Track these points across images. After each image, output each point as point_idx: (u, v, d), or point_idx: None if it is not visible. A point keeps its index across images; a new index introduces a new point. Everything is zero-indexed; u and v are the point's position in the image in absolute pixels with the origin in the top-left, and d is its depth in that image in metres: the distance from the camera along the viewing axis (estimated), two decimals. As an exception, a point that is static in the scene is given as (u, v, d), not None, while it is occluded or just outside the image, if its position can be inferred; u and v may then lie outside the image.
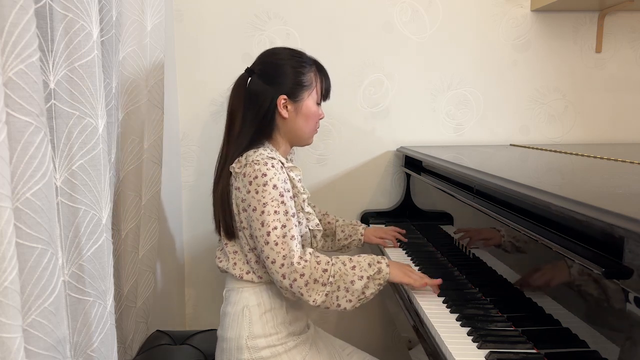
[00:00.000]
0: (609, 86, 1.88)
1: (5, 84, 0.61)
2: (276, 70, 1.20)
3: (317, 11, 1.79)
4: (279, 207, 1.08)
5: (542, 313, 0.92)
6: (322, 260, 1.09)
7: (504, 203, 1.04)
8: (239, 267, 1.18)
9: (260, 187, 1.08)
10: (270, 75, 1.19)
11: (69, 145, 0.80)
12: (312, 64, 1.24)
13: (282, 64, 1.20)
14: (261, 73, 1.20)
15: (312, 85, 1.22)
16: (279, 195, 1.09)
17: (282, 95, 1.18)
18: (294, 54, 1.23)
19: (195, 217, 1.89)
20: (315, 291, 1.07)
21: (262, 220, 1.08)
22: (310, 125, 1.24)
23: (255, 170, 1.10)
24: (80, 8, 0.79)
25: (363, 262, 1.12)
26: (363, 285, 1.09)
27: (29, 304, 0.67)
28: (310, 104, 1.22)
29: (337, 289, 1.08)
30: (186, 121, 1.83)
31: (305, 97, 1.20)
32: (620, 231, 0.66)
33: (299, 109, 1.20)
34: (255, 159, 1.11)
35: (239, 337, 1.15)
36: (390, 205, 1.89)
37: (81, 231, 0.82)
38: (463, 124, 1.88)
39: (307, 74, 1.21)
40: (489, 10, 1.82)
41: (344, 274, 1.09)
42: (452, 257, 1.36)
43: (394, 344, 1.99)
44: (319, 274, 1.07)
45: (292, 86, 1.19)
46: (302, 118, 1.21)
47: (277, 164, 1.12)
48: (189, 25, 1.78)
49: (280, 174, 1.12)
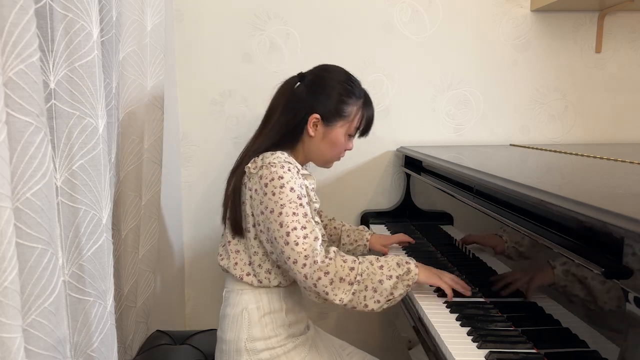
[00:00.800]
0: (609, 86, 1.88)
1: (5, 84, 0.61)
2: (323, 88, 1.18)
3: (317, 11, 1.79)
4: (298, 209, 1.06)
5: (542, 313, 0.92)
6: (348, 259, 1.05)
7: (504, 203, 1.04)
8: (240, 268, 1.17)
9: (277, 189, 1.07)
10: (315, 89, 1.18)
11: (69, 145, 0.80)
12: (360, 97, 1.21)
13: (331, 85, 1.18)
14: (309, 83, 1.20)
15: (351, 118, 1.20)
16: (296, 198, 1.07)
17: (316, 115, 1.17)
18: (347, 81, 1.20)
19: (195, 217, 1.89)
20: (341, 290, 1.02)
21: (280, 221, 1.05)
22: (333, 153, 1.23)
23: (271, 173, 1.08)
24: (80, 8, 0.79)
25: (391, 261, 1.07)
26: (392, 285, 1.04)
27: (29, 304, 0.67)
28: (340, 133, 1.20)
29: (365, 289, 1.03)
30: (186, 121, 1.83)
31: (338, 125, 1.19)
32: (620, 231, 0.66)
33: (327, 134, 1.19)
34: (272, 161, 1.09)
35: (238, 340, 1.15)
36: (390, 205, 1.89)
37: (81, 231, 0.82)
38: (463, 124, 1.88)
39: (350, 105, 1.19)
40: (489, 10, 1.82)
41: (371, 272, 1.04)
42: (452, 257, 1.36)
43: (394, 344, 1.99)
44: (346, 272, 1.02)
45: (330, 110, 1.17)
46: (327, 143, 1.20)
47: (293, 169, 1.10)
48: (189, 25, 1.78)
49: (297, 178, 1.10)
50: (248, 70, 1.81)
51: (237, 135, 1.85)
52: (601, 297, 0.75)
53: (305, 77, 1.21)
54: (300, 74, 1.23)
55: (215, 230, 1.89)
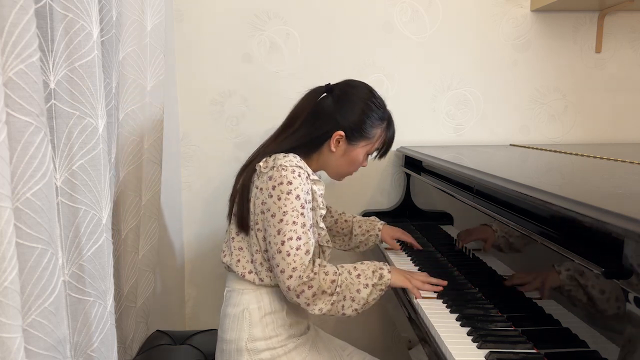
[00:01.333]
0: (609, 86, 1.88)
1: (5, 84, 0.61)
2: (351, 106, 1.18)
3: (317, 11, 1.79)
4: (298, 219, 1.07)
5: (542, 313, 0.92)
6: (329, 271, 1.08)
7: (504, 203, 1.04)
8: (242, 265, 1.17)
9: (283, 195, 1.07)
10: (343, 106, 1.18)
11: (69, 145, 0.80)
12: (385, 119, 1.22)
13: (359, 104, 1.19)
14: (337, 98, 1.19)
15: (374, 139, 1.22)
16: (300, 207, 1.08)
17: (340, 132, 1.18)
18: (375, 102, 1.21)
19: (195, 217, 1.89)
20: (322, 301, 1.06)
21: (279, 229, 1.07)
22: (350, 170, 1.25)
23: (281, 176, 1.08)
24: (80, 8, 0.79)
25: (367, 270, 1.12)
26: (368, 293, 1.09)
27: (29, 304, 0.67)
28: (361, 153, 1.22)
29: (344, 299, 1.08)
30: (186, 121, 1.83)
31: (360, 145, 1.20)
32: (620, 231, 0.66)
33: (348, 152, 1.20)
34: (283, 164, 1.09)
35: (239, 340, 1.15)
36: (390, 205, 1.89)
37: (81, 231, 0.82)
38: (463, 124, 1.88)
39: (375, 127, 1.20)
40: (489, 10, 1.82)
41: (350, 283, 1.08)
42: (452, 257, 1.36)
43: (394, 344, 1.99)
44: (327, 285, 1.06)
45: (355, 130, 1.18)
46: (346, 160, 1.22)
47: (303, 174, 1.11)
48: (189, 25, 1.78)
49: (305, 184, 1.10)
50: (248, 70, 1.81)
51: (237, 135, 1.85)
52: (601, 297, 0.75)
53: (333, 90, 1.21)
54: (328, 85, 1.23)
55: (215, 230, 1.89)
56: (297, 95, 1.25)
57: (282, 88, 1.82)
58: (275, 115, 1.81)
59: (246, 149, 1.85)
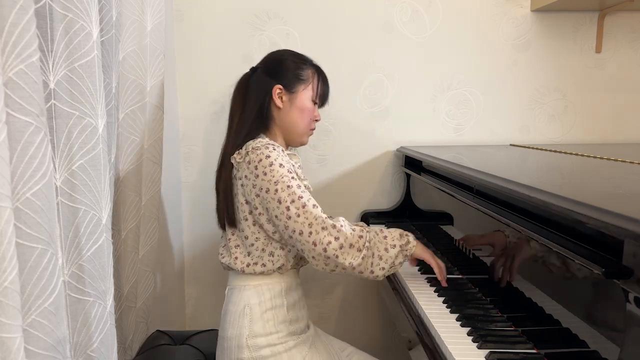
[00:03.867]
0: (609, 86, 1.88)
1: (5, 84, 0.61)
2: (278, 63, 1.26)
3: (317, 11, 1.79)
4: (291, 182, 1.11)
5: (542, 313, 0.92)
6: (356, 228, 1.12)
7: (504, 203, 1.04)
8: (240, 261, 1.19)
9: (267, 169, 1.11)
10: (271, 69, 1.26)
11: (69, 145, 0.80)
12: (312, 64, 1.30)
13: (283, 58, 1.27)
14: (264, 67, 1.27)
15: (309, 80, 1.26)
16: (287, 172, 1.12)
17: (278, 85, 1.23)
18: (296, 53, 1.29)
19: (195, 217, 1.89)
20: (350, 255, 1.08)
21: (277, 198, 1.09)
22: (305, 120, 1.27)
23: (257, 155, 1.13)
24: (80, 8, 0.79)
25: (394, 232, 1.16)
26: (395, 254, 1.12)
27: (29, 304, 0.67)
28: (304, 97, 1.26)
29: (372, 256, 1.10)
30: (186, 121, 1.83)
31: (300, 89, 1.25)
32: (620, 231, 0.66)
33: (293, 100, 1.25)
34: (255, 146, 1.15)
35: (240, 336, 1.15)
36: (390, 205, 1.89)
37: (81, 231, 0.82)
38: (463, 124, 1.88)
39: (305, 69, 1.27)
40: (489, 10, 1.82)
41: (378, 241, 1.12)
42: (452, 257, 1.36)
43: (394, 344, 1.99)
44: (355, 239, 1.09)
45: (289, 78, 1.24)
46: (296, 110, 1.25)
47: (277, 147, 1.16)
48: (189, 25, 1.78)
49: (283, 156, 1.15)
50: (248, 70, 1.81)
51: (237, 135, 1.84)
52: (601, 297, 0.75)
53: (257, 67, 1.29)
54: (252, 67, 1.30)
55: (215, 230, 1.87)
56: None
57: (282, 88, 1.81)
58: (275, 115, 1.82)
59: (246, 149, 1.85)
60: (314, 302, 1.93)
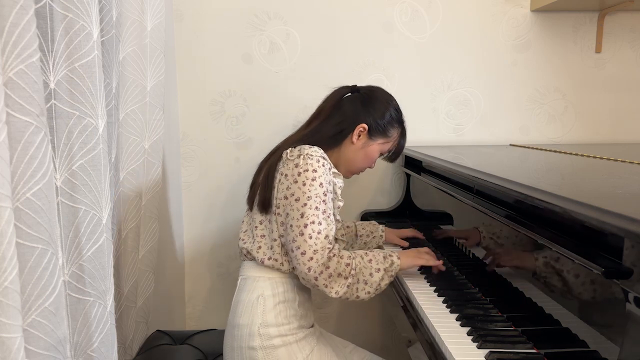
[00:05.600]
0: (609, 86, 1.88)
1: (6, 84, 0.61)
2: (378, 105, 1.28)
3: (317, 11, 1.79)
4: (320, 205, 1.12)
5: (542, 313, 0.92)
6: (344, 255, 1.13)
7: (504, 203, 1.04)
8: (263, 252, 1.19)
9: (308, 181, 1.12)
10: (371, 105, 1.27)
11: (69, 145, 0.80)
12: (402, 123, 1.33)
13: (385, 105, 1.29)
14: (364, 98, 1.29)
15: (391, 140, 1.31)
16: (322, 194, 1.13)
17: (364, 124, 1.26)
18: (397, 108, 1.32)
19: (195, 217, 1.89)
20: (337, 284, 1.10)
21: (302, 212, 1.11)
22: (363, 165, 1.32)
23: (307, 164, 1.13)
24: (80, 8, 0.79)
25: (378, 255, 1.17)
26: (380, 278, 1.14)
27: (29, 304, 0.67)
28: (377, 150, 1.30)
29: (357, 282, 1.12)
30: (186, 121, 1.83)
31: (378, 142, 1.29)
32: (620, 231, 0.66)
33: (366, 146, 1.28)
34: (310, 153, 1.15)
35: (252, 324, 1.16)
36: (390, 205, 1.89)
37: (81, 231, 0.82)
38: (463, 124, 1.88)
39: (395, 129, 1.31)
40: (489, 10, 1.82)
41: (363, 267, 1.13)
42: (452, 257, 1.36)
43: (394, 344, 1.99)
44: (342, 267, 1.11)
45: (378, 127, 1.27)
46: (362, 154, 1.29)
47: (327, 165, 1.17)
48: (189, 25, 1.78)
49: (328, 174, 1.16)
50: (248, 70, 1.81)
51: (237, 135, 1.85)
52: (601, 297, 0.75)
53: (359, 90, 1.30)
54: (355, 86, 1.32)
55: (215, 230, 1.89)
56: (297, 95, 1.26)
57: (282, 88, 1.82)
58: (275, 114, 1.82)
59: (246, 149, 1.85)
60: (314, 302, 1.92)
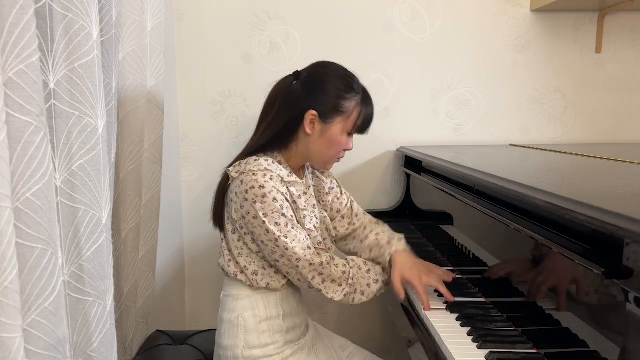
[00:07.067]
0: (609, 86, 1.88)
1: (5, 84, 0.61)
2: (320, 83, 1.14)
3: (317, 11, 1.79)
4: (280, 219, 1.07)
5: (542, 313, 0.92)
6: (339, 263, 1.11)
7: (504, 203, 1.04)
8: (233, 265, 1.16)
9: (258, 198, 1.06)
10: (311, 86, 1.14)
11: (69, 145, 0.80)
12: (359, 92, 1.16)
13: (328, 80, 1.13)
14: (305, 81, 1.15)
15: (349, 113, 1.14)
16: (279, 207, 1.07)
17: (312, 111, 1.12)
18: (345, 76, 1.15)
19: (195, 217, 1.89)
20: (332, 290, 1.10)
21: (265, 228, 1.07)
22: (331, 152, 1.17)
23: (252, 180, 1.06)
24: (80, 8, 0.79)
25: (377, 266, 1.16)
26: (378, 289, 1.14)
27: (29, 304, 0.67)
28: (338, 131, 1.14)
29: (354, 291, 1.12)
30: (186, 121, 1.83)
31: (335, 122, 1.13)
32: (620, 231, 0.66)
33: (324, 132, 1.14)
34: (252, 169, 1.08)
35: (235, 347, 1.14)
36: (390, 205, 1.89)
37: (81, 231, 0.82)
38: (463, 124, 1.88)
39: (348, 100, 1.13)
40: (489, 10, 1.82)
41: (361, 277, 1.12)
42: (452, 257, 1.36)
43: (394, 344, 1.99)
44: (338, 275, 1.10)
45: (327, 106, 1.12)
46: (324, 142, 1.15)
47: (275, 177, 1.08)
48: (189, 25, 1.78)
49: (280, 187, 1.08)
50: (248, 70, 1.81)
51: (237, 135, 1.85)
52: (601, 297, 0.75)
53: (301, 75, 1.17)
54: (296, 72, 1.18)
55: (216, 230, 1.88)
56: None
57: (282, 88, 1.82)
58: (275, 115, 1.82)
59: (246, 149, 1.85)
60: (314, 302, 1.93)
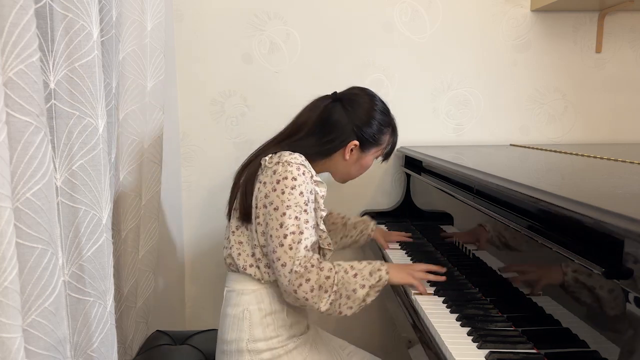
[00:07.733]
0: (609, 86, 1.88)
1: (5, 84, 0.61)
2: (365, 116, 1.21)
3: (317, 11, 1.79)
4: (301, 214, 1.08)
5: (542, 313, 0.92)
6: (324, 267, 1.08)
7: (504, 203, 1.04)
8: (243, 259, 1.16)
9: (287, 189, 1.08)
10: (356, 117, 1.20)
11: (69, 145, 0.80)
12: (391, 124, 1.27)
13: (373, 113, 1.21)
14: (350, 109, 1.20)
15: (384, 145, 1.26)
16: (303, 203, 1.09)
17: (355, 142, 1.20)
18: (385, 110, 1.25)
19: (195, 217, 1.89)
20: (318, 297, 1.06)
21: (281, 222, 1.07)
22: (359, 173, 1.29)
23: (286, 171, 1.09)
24: (80, 8, 0.79)
25: (365, 270, 1.11)
26: (365, 294, 1.09)
27: (29, 304, 0.67)
28: (371, 159, 1.26)
29: (340, 297, 1.08)
30: (186, 121, 1.83)
31: (372, 152, 1.25)
32: (620, 231, 0.66)
33: (360, 159, 1.24)
34: (289, 160, 1.11)
35: (239, 340, 1.15)
36: (390, 205, 1.89)
37: (81, 231, 0.82)
38: (463, 124, 1.88)
39: (386, 134, 1.25)
40: (489, 10, 1.82)
41: (346, 282, 1.08)
42: (452, 257, 1.36)
43: (394, 344, 1.99)
44: (322, 280, 1.06)
45: (369, 139, 1.21)
46: (357, 166, 1.26)
47: (307, 173, 1.12)
48: (189, 25, 1.78)
49: (309, 183, 1.12)
50: (248, 70, 1.81)
51: (237, 135, 1.85)
52: (601, 297, 0.75)
53: (342, 100, 1.22)
54: (336, 95, 1.24)
55: (215, 230, 1.89)
56: (297, 95, 1.25)
57: (282, 88, 1.82)
58: (275, 115, 1.82)
59: (246, 149, 1.85)
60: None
